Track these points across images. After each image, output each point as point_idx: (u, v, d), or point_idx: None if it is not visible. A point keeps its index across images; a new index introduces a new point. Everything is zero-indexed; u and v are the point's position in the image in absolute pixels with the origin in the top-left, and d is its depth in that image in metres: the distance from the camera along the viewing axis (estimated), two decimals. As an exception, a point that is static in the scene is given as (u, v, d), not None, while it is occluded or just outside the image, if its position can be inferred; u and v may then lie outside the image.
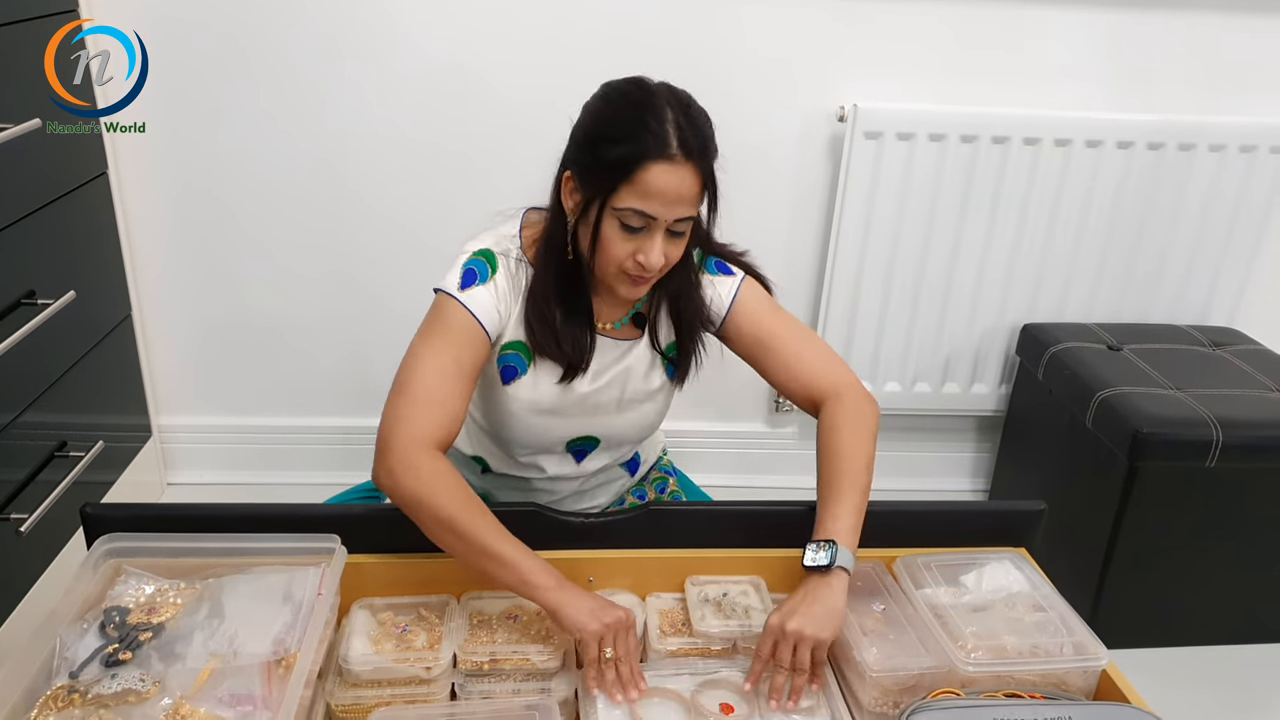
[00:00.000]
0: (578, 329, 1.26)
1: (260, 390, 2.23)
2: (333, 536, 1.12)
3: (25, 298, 1.59)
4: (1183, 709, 1.17)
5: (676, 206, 1.13)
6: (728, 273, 1.33)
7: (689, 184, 1.13)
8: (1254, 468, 1.80)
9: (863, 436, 1.26)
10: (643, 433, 1.40)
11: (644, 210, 1.13)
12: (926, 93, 2.05)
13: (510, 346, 1.27)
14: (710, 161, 1.15)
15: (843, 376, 1.30)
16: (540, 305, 1.24)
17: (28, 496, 1.61)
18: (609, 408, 1.33)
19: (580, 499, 1.47)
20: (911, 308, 2.20)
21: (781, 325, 1.32)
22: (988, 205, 2.11)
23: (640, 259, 1.15)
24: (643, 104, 1.13)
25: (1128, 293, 2.24)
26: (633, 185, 1.11)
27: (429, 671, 1.06)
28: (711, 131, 1.16)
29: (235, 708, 0.94)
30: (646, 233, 1.15)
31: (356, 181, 2.04)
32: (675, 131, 1.11)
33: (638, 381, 1.33)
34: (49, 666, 0.97)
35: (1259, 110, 2.12)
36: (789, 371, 1.30)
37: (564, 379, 1.28)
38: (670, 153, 1.11)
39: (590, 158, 1.15)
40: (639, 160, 1.11)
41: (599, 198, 1.14)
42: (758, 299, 1.32)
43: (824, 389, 1.29)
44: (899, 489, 2.42)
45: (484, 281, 1.22)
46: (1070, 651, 1.12)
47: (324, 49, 1.93)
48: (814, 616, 1.09)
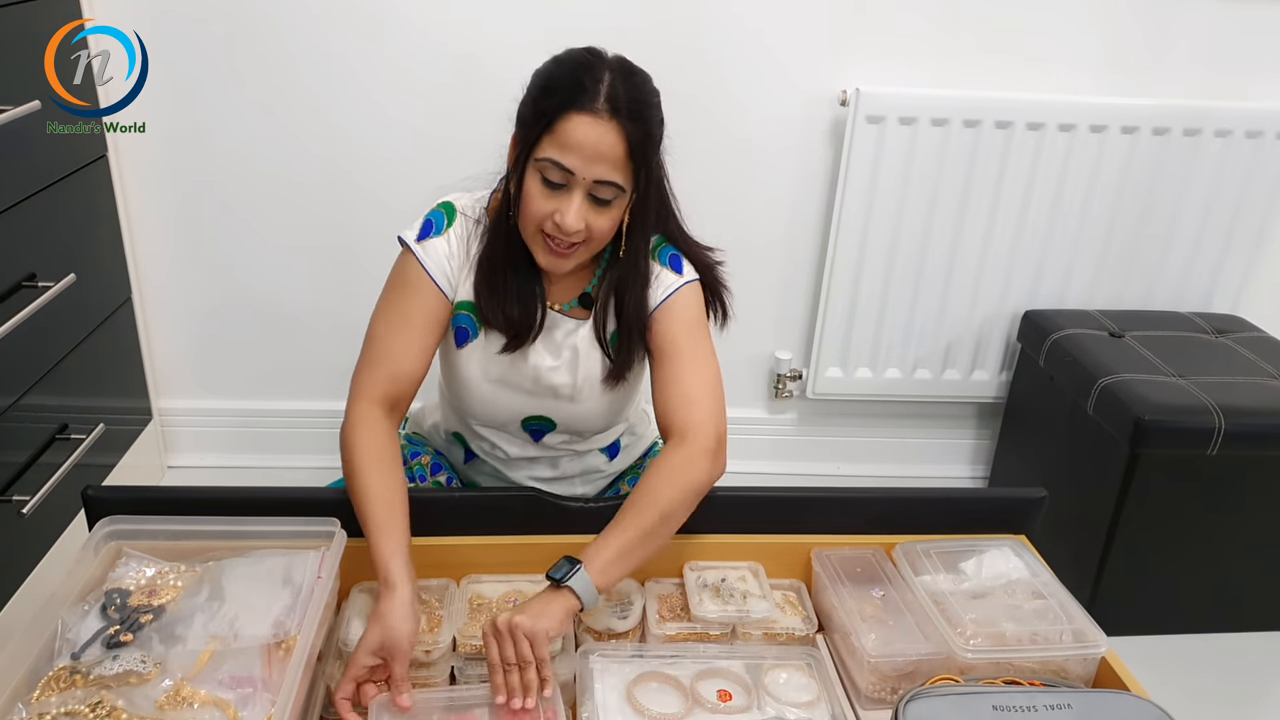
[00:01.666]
0: (526, 298, 1.24)
1: (261, 374, 2.23)
2: (333, 520, 1.13)
3: (26, 280, 1.59)
4: (1182, 696, 1.18)
5: (596, 165, 1.11)
6: (678, 270, 1.27)
7: (610, 142, 1.11)
8: (1256, 455, 1.80)
9: (676, 487, 1.14)
10: (600, 421, 1.37)
11: (561, 162, 1.11)
12: (929, 77, 2.03)
13: (462, 307, 1.26)
14: (641, 128, 1.13)
15: (703, 423, 1.17)
16: (487, 271, 1.23)
17: (29, 479, 1.61)
18: (563, 392, 1.30)
19: (561, 484, 1.45)
20: (913, 293, 2.19)
21: (690, 345, 1.23)
22: (990, 190, 2.10)
23: (558, 219, 1.14)
24: (584, 64, 1.14)
25: (1130, 279, 2.24)
26: (553, 135, 1.11)
27: (428, 654, 1.07)
28: (651, 104, 1.15)
29: (236, 689, 0.95)
30: (565, 191, 1.14)
31: (356, 166, 2.03)
32: (606, 89, 1.11)
33: (591, 368, 1.30)
34: (51, 648, 0.97)
35: (1265, 95, 2.11)
36: (665, 391, 1.21)
37: (506, 349, 1.26)
38: (594, 106, 1.10)
39: (526, 112, 1.16)
40: (563, 110, 1.11)
41: (524, 149, 1.15)
42: (687, 308, 1.25)
43: (678, 425, 1.18)
44: (899, 475, 2.42)
45: (439, 233, 1.23)
46: (1069, 639, 1.13)
47: (323, 37, 1.91)
48: (529, 609, 1.05)
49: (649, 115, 1.14)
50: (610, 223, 1.17)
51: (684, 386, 1.20)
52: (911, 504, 1.34)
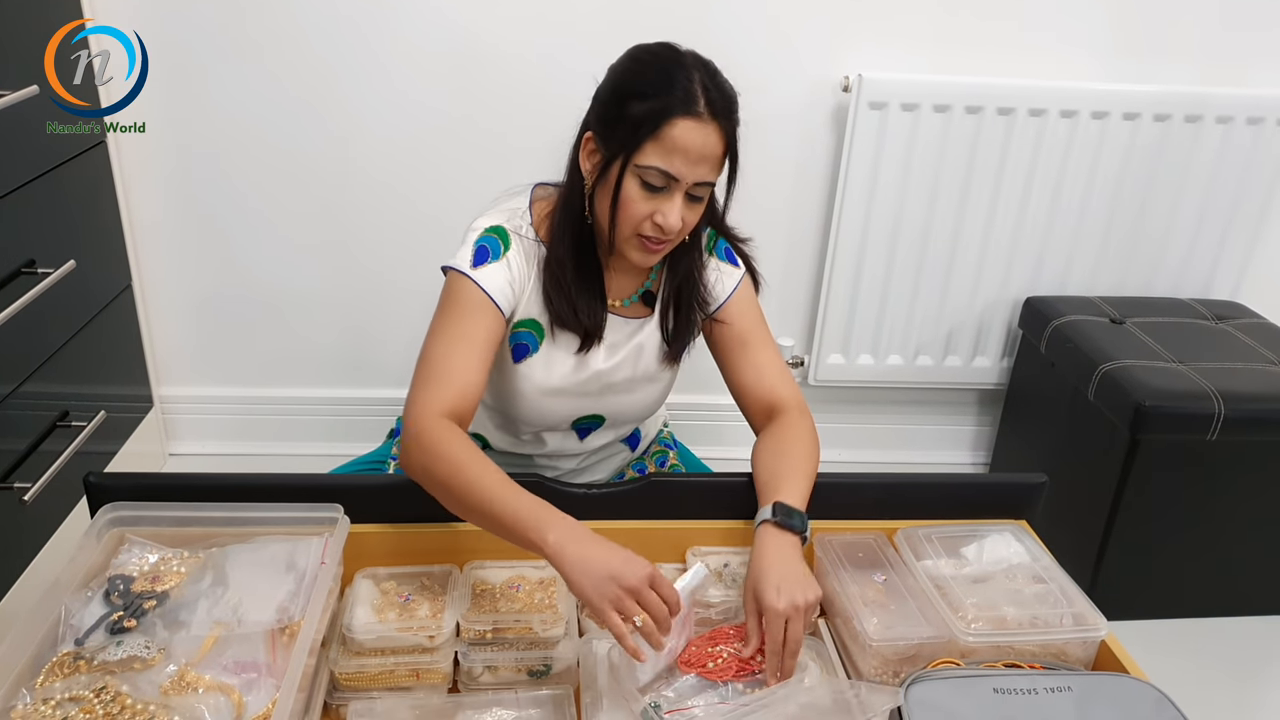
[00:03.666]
0: (592, 298, 1.26)
1: (262, 361, 2.23)
2: (336, 506, 1.12)
3: (25, 267, 1.59)
4: (1182, 680, 1.18)
5: (699, 166, 1.13)
6: (734, 263, 1.34)
7: (713, 144, 1.13)
8: (1255, 441, 1.80)
9: (816, 455, 1.27)
10: (647, 411, 1.40)
11: (667, 169, 1.12)
12: (931, 63, 2.03)
13: (523, 325, 1.27)
14: (734, 126, 1.15)
15: (798, 393, 1.33)
16: (556, 273, 1.24)
17: (31, 466, 1.61)
18: (620, 387, 1.33)
19: (580, 474, 1.47)
20: (914, 280, 2.19)
21: (763, 328, 1.34)
22: (992, 177, 2.09)
23: (659, 220, 1.15)
24: (671, 62, 1.14)
25: (1131, 266, 2.23)
26: (658, 141, 1.11)
27: (432, 640, 1.07)
28: (736, 100, 1.16)
29: (240, 675, 0.95)
30: (667, 193, 1.14)
31: (357, 154, 2.03)
32: (703, 91, 1.11)
33: (650, 361, 1.33)
34: (54, 634, 0.97)
35: (1267, 82, 2.11)
36: (758, 373, 1.31)
37: (581, 349, 1.27)
38: (697, 110, 1.11)
39: (615, 115, 1.14)
40: (666, 115, 1.10)
41: (622, 155, 1.14)
42: (752, 296, 1.35)
43: (785, 398, 1.31)
44: (900, 461, 2.43)
45: (496, 259, 1.21)
46: (1070, 622, 1.13)
47: (326, 22, 1.91)
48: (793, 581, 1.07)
49: (737, 115, 1.16)
50: (699, 216, 1.20)
51: (777, 365, 1.33)
52: (913, 489, 1.34)
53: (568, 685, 1.08)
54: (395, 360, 2.20)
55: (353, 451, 1.62)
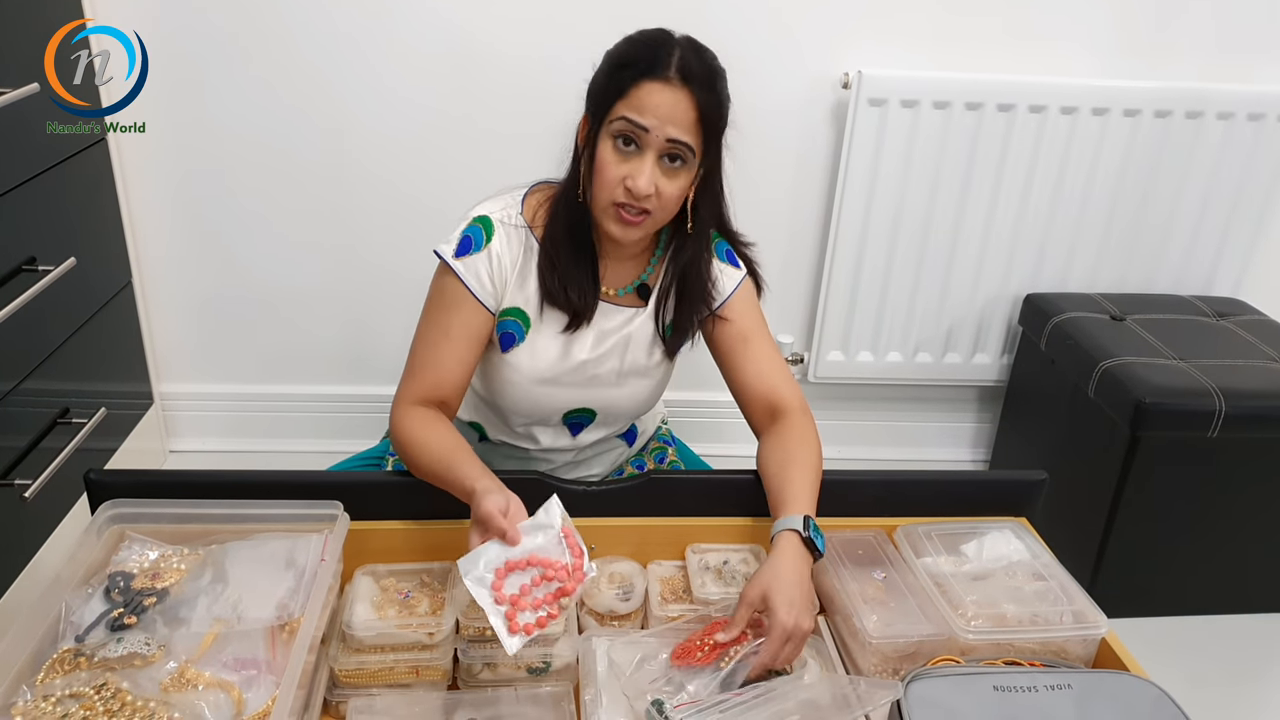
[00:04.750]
0: (585, 279, 1.27)
1: (261, 358, 2.23)
2: (335, 503, 1.13)
3: (26, 264, 1.59)
4: (1181, 678, 1.18)
5: (668, 125, 1.14)
6: (735, 265, 1.35)
7: (684, 107, 1.14)
8: (1256, 438, 1.80)
9: (821, 459, 1.27)
10: (640, 407, 1.41)
11: (635, 119, 1.13)
12: (931, 60, 2.03)
13: (508, 313, 1.27)
14: (714, 99, 1.16)
15: (800, 393, 1.33)
16: (550, 251, 1.25)
17: (31, 463, 1.61)
18: (607, 379, 1.33)
19: (576, 468, 1.47)
20: (914, 277, 2.19)
21: (764, 328, 1.34)
22: (992, 173, 2.09)
23: (629, 183, 1.15)
24: (656, 39, 1.17)
25: (1132, 262, 2.23)
26: (627, 100, 1.14)
27: (431, 637, 1.07)
28: (717, 74, 1.17)
29: (240, 671, 0.95)
30: (638, 153, 1.15)
31: (356, 151, 2.03)
32: (677, 60, 1.14)
33: (638, 354, 1.33)
34: (55, 631, 0.98)
35: (1268, 79, 2.10)
36: (760, 371, 1.31)
37: (568, 328, 1.28)
38: (667, 74, 1.13)
39: (597, 86, 1.19)
40: (636, 78, 1.13)
41: (598, 121, 1.17)
42: (753, 297, 1.36)
43: (788, 398, 1.30)
44: (900, 458, 2.42)
45: (478, 249, 1.23)
46: (1070, 620, 1.13)
47: (325, 22, 1.91)
48: (798, 599, 1.07)
49: (719, 85, 1.17)
50: (678, 191, 1.19)
51: (772, 368, 1.33)
52: (913, 487, 1.34)
53: (567, 682, 1.09)
54: (394, 357, 2.17)
55: (352, 448, 1.62)
